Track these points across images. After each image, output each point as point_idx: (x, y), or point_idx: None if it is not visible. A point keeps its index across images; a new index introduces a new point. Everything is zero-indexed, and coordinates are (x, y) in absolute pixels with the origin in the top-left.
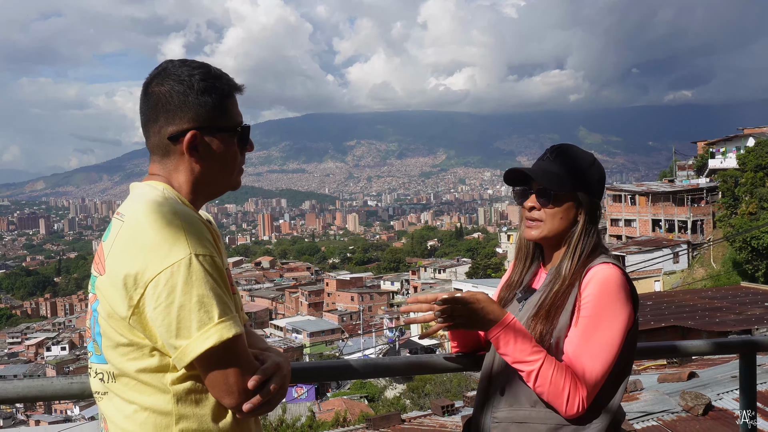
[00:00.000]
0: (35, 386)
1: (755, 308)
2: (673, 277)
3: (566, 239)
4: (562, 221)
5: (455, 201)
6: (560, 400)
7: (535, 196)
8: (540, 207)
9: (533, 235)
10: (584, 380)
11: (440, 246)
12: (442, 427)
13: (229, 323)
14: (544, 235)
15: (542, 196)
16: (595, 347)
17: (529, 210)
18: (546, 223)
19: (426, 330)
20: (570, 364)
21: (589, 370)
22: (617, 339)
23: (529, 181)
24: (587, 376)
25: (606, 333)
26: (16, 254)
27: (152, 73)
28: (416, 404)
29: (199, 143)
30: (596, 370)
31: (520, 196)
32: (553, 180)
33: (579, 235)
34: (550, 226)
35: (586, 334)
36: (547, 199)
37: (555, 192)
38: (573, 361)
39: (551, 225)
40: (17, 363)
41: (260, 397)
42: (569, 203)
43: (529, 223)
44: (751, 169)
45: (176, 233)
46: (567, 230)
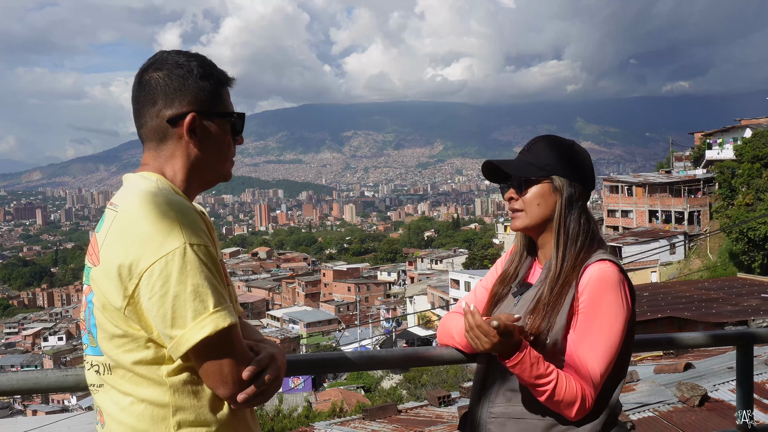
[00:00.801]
0: (30, 379)
1: (752, 299)
2: (670, 268)
3: (550, 227)
4: (540, 208)
5: (452, 192)
6: (572, 409)
7: (512, 186)
8: (518, 197)
9: (517, 225)
10: (589, 381)
11: (437, 237)
12: (438, 417)
13: (225, 312)
14: (525, 224)
15: (516, 185)
16: (598, 347)
17: (509, 201)
18: (526, 212)
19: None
20: (573, 366)
21: (594, 371)
22: (618, 337)
23: (508, 175)
24: (592, 377)
25: (607, 332)
26: (13, 245)
27: (147, 62)
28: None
29: (198, 126)
30: (600, 370)
31: (504, 191)
32: (524, 168)
33: (558, 219)
34: (530, 214)
35: (588, 336)
36: (520, 187)
37: (526, 179)
38: (577, 363)
39: (531, 213)
40: (14, 353)
41: (255, 388)
42: (545, 188)
43: (512, 215)
44: (748, 160)
45: (170, 223)
46: (549, 217)
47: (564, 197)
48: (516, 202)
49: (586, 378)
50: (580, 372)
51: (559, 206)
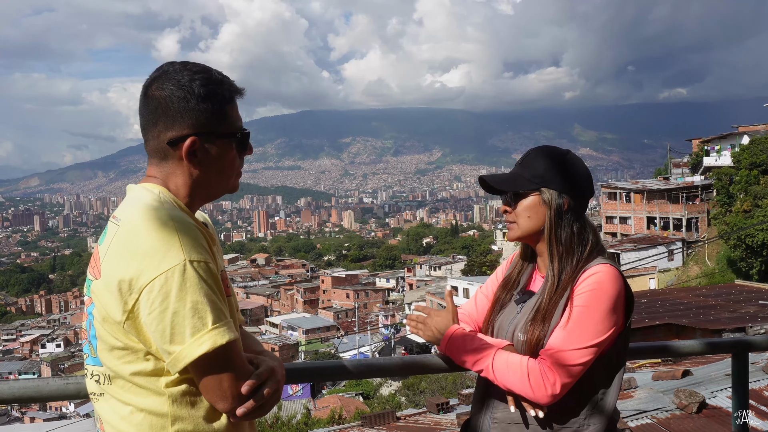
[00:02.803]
0: (31, 387)
1: (749, 306)
2: (668, 274)
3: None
4: (531, 220)
5: (450, 198)
6: (525, 387)
7: (506, 199)
8: (511, 210)
9: (511, 236)
10: (557, 363)
11: (436, 243)
12: (437, 424)
13: (223, 329)
14: (518, 235)
15: (509, 198)
16: (574, 334)
17: (503, 213)
18: (518, 224)
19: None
20: (547, 350)
21: (564, 353)
22: (600, 328)
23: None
24: (561, 359)
25: (587, 322)
26: (11, 251)
27: (152, 76)
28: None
29: (198, 149)
30: (571, 354)
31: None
32: (511, 181)
33: (549, 232)
34: (521, 226)
35: (568, 323)
36: (510, 200)
37: (514, 192)
38: (550, 346)
39: (522, 225)
40: (12, 360)
41: (254, 402)
42: (534, 201)
43: (508, 225)
44: (745, 166)
45: (171, 239)
46: (541, 229)
47: (553, 209)
48: (509, 215)
49: (553, 357)
50: (549, 352)
51: (548, 218)
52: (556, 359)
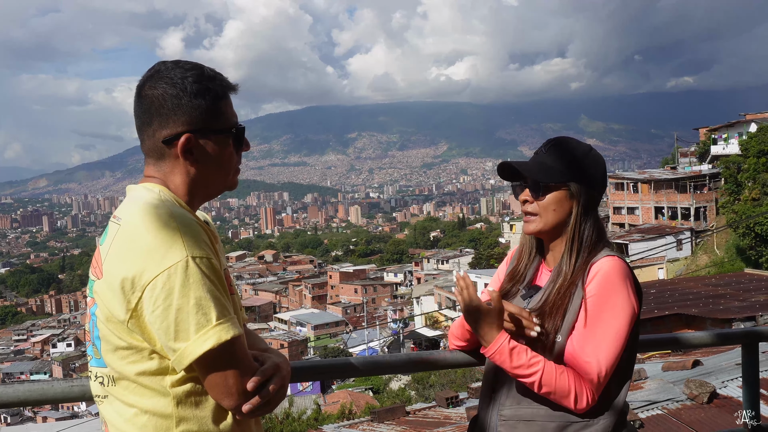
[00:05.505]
0: (36, 390)
1: (759, 295)
2: (677, 264)
3: (564, 232)
4: (556, 213)
5: (457, 191)
6: (569, 400)
7: (528, 189)
8: (533, 200)
9: (530, 228)
10: (590, 373)
11: (443, 237)
12: (446, 418)
13: (228, 325)
14: (539, 228)
15: (533, 189)
16: (600, 339)
17: (523, 203)
18: (541, 216)
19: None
20: (574, 358)
21: (595, 362)
22: (622, 330)
23: (524, 175)
24: (593, 369)
25: (610, 325)
26: (20, 252)
27: (145, 76)
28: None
29: (194, 146)
30: (602, 362)
31: (517, 191)
32: (542, 172)
33: (574, 227)
34: (545, 219)
35: (590, 328)
36: (538, 191)
37: (544, 183)
38: (578, 355)
39: (546, 218)
40: (23, 360)
41: (259, 398)
42: (562, 194)
43: (526, 218)
44: (753, 154)
45: (172, 236)
46: (563, 223)
47: (581, 205)
48: (530, 205)
49: (587, 372)
50: (582, 367)
51: (575, 214)
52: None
